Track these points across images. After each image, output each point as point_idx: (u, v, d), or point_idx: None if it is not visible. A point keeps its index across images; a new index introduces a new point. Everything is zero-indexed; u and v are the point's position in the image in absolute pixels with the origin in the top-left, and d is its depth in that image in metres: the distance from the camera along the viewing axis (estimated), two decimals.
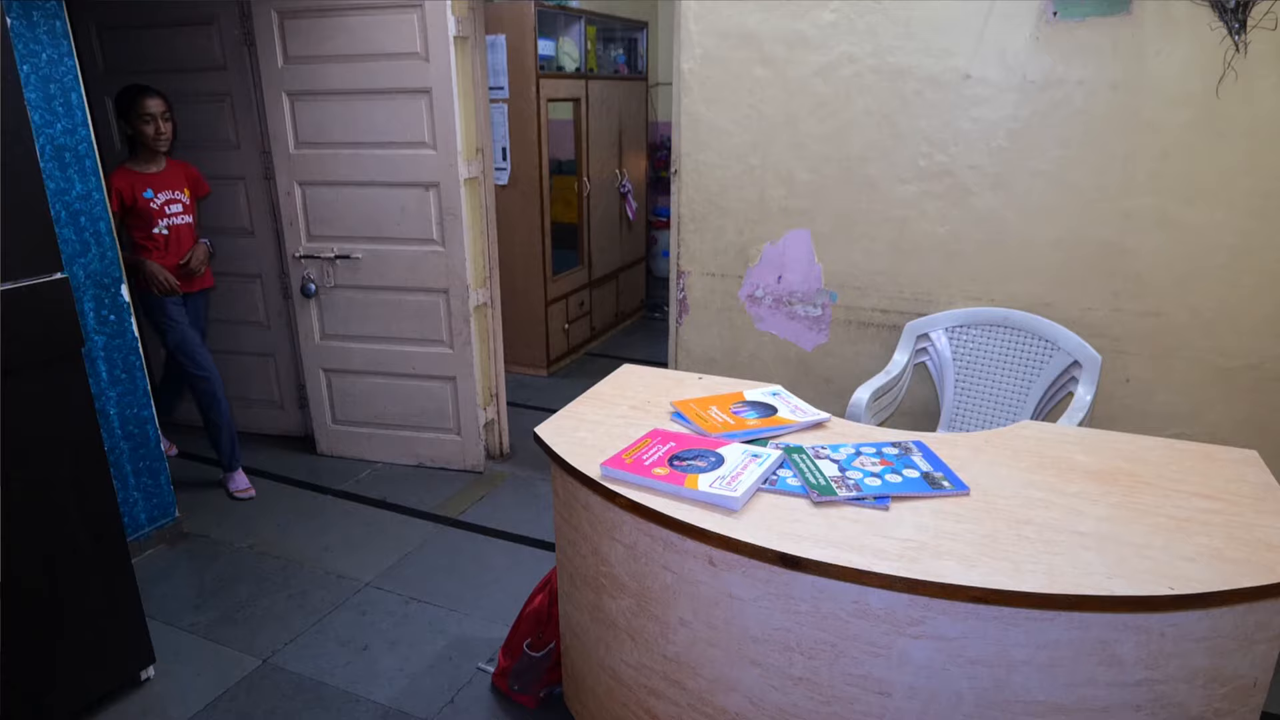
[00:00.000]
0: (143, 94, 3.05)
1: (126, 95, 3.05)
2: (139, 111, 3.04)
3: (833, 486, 1.62)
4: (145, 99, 3.05)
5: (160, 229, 3.17)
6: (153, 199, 3.14)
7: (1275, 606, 1.39)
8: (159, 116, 3.08)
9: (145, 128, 3.06)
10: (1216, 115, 2.27)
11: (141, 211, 3.12)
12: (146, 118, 3.05)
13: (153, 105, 3.06)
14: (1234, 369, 2.43)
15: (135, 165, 3.15)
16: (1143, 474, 1.69)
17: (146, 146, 3.11)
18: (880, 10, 2.55)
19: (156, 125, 3.07)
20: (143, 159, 3.16)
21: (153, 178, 3.16)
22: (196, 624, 2.66)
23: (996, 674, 1.42)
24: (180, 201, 3.22)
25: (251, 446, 3.96)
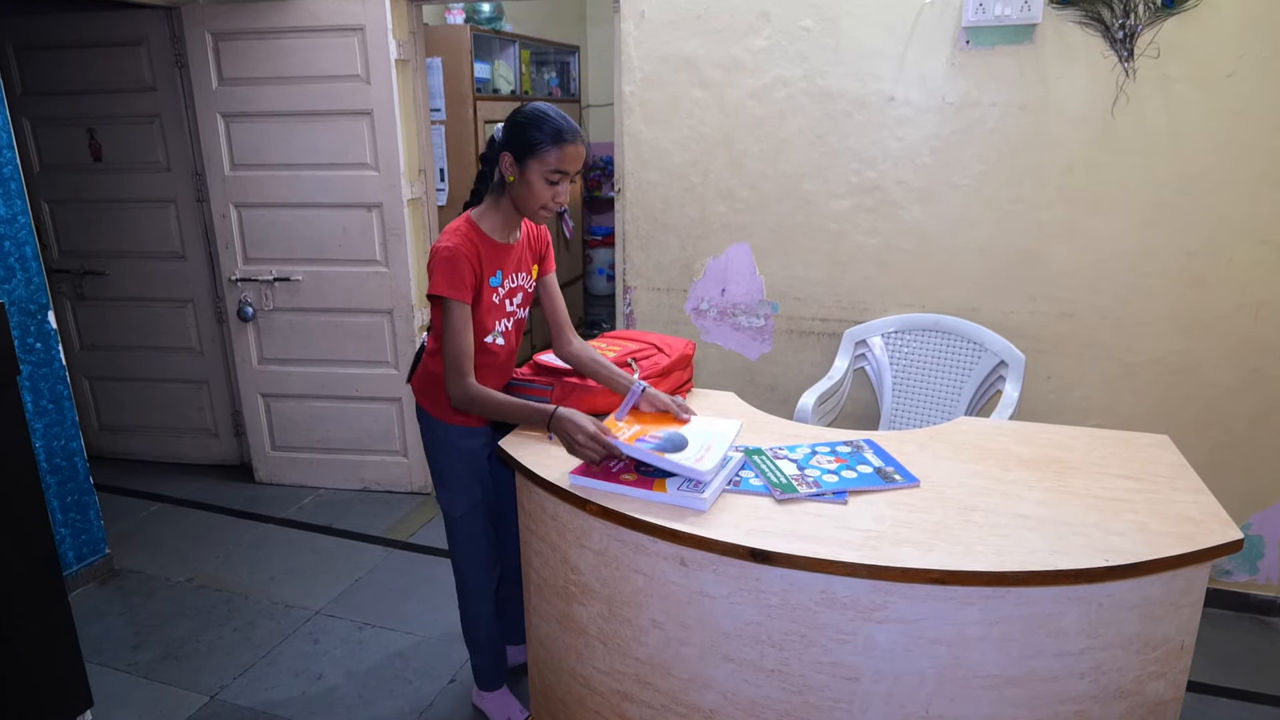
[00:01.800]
0: (572, 138, 1.80)
1: (535, 123, 1.79)
2: (554, 158, 1.79)
3: (794, 484, 1.70)
4: (573, 146, 1.80)
5: (495, 336, 1.97)
6: (498, 287, 1.94)
7: (1196, 573, 1.53)
8: (573, 177, 1.87)
9: (548, 187, 1.83)
10: (1112, 133, 2.50)
11: (478, 308, 1.90)
12: (558, 175, 1.82)
13: (578, 157, 1.83)
14: (1141, 364, 2.64)
15: (484, 225, 1.91)
16: (1071, 460, 1.84)
17: (518, 210, 1.90)
18: (810, 37, 2.70)
19: (563, 191, 1.85)
20: (493, 219, 1.92)
21: (505, 252, 1.95)
22: (135, 664, 2.56)
23: (955, 652, 1.52)
24: (524, 290, 2.05)
25: (184, 477, 3.83)
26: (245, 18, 3.12)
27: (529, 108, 1.83)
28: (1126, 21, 2.40)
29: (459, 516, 2.12)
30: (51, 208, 3.67)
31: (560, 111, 1.84)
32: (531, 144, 1.79)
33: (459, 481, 2.08)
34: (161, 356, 3.78)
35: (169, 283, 3.66)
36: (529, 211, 1.88)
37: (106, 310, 3.75)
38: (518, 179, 1.84)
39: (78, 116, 3.51)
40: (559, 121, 1.81)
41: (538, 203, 1.85)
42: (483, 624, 2.25)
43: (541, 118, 1.80)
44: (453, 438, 2.04)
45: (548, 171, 1.81)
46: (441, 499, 2.14)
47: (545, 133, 1.79)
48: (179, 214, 3.56)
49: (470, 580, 2.20)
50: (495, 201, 1.92)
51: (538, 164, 1.80)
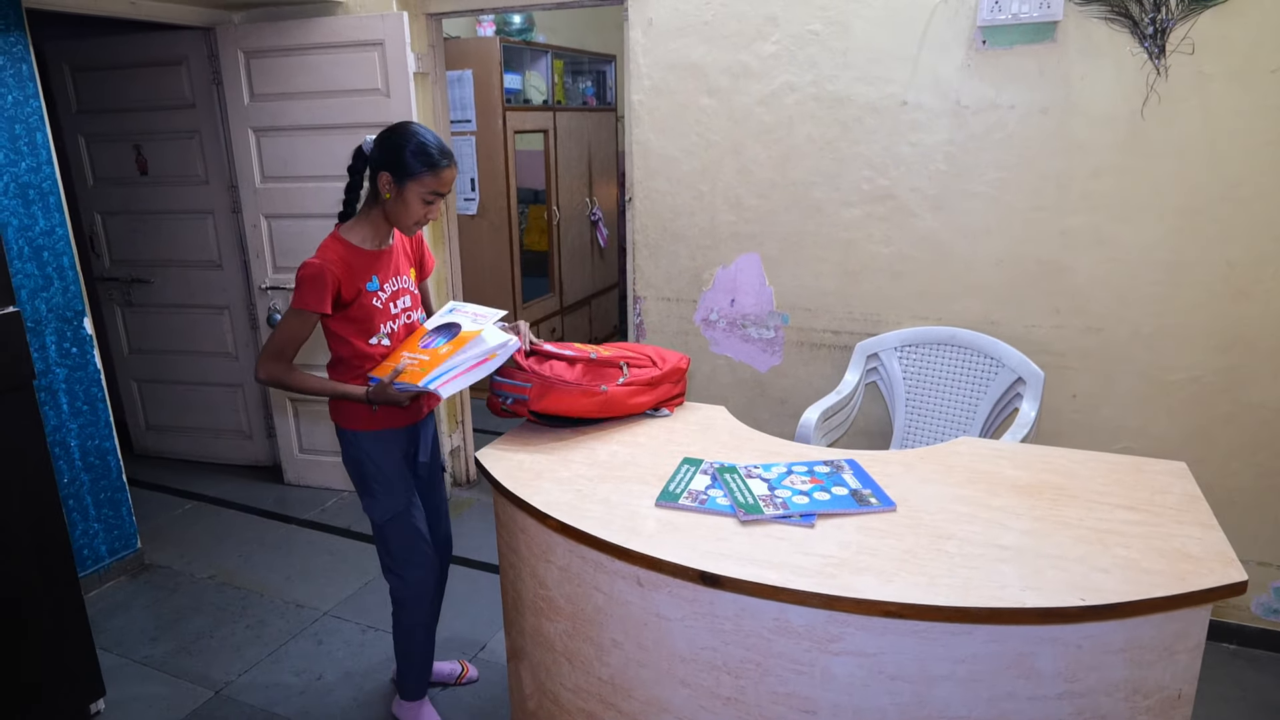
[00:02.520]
0: (446, 162, 1.90)
1: (414, 149, 1.86)
2: (431, 182, 1.88)
3: (760, 505, 1.64)
4: (448, 170, 1.90)
5: (379, 338, 2.03)
6: (377, 291, 2.00)
7: (1193, 616, 1.40)
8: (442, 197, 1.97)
9: (424, 206, 1.91)
10: (1143, 136, 2.33)
11: (357, 312, 1.97)
12: (433, 196, 1.91)
13: (450, 179, 1.93)
14: (1176, 382, 2.46)
15: (353, 237, 1.98)
16: (1070, 487, 1.72)
17: (391, 222, 1.97)
18: (819, 41, 2.62)
19: (436, 209, 1.96)
20: (364, 230, 1.98)
21: (378, 257, 2.01)
22: (151, 656, 2.65)
23: (918, 689, 1.43)
24: (409, 292, 2.11)
25: (219, 476, 3.97)
26: (274, 36, 3.22)
27: (405, 129, 1.90)
28: (1157, 16, 2.25)
29: (386, 521, 2.11)
30: (104, 219, 3.86)
31: (434, 134, 1.93)
32: (410, 168, 1.87)
33: (381, 486, 2.08)
34: (200, 361, 3.92)
35: (207, 290, 3.80)
36: (403, 226, 1.98)
37: (151, 316, 3.93)
38: (395, 197, 1.91)
39: (125, 132, 3.69)
40: (435, 146, 1.89)
41: (412, 219, 1.94)
42: (419, 632, 2.24)
43: (420, 142, 1.88)
44: (365, 443, 2.06)
45: (425, 193, 1.90)
46: (367, 507, 2.13)
47: (423, 159, 1.87)
48: (216, 225, 3.70)
49: (408, 587, 2.16)
50: (366, 212, 1.99)
51: (416, 185, 1.88)
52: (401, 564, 2.15)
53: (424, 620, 2.23)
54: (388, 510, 2.10)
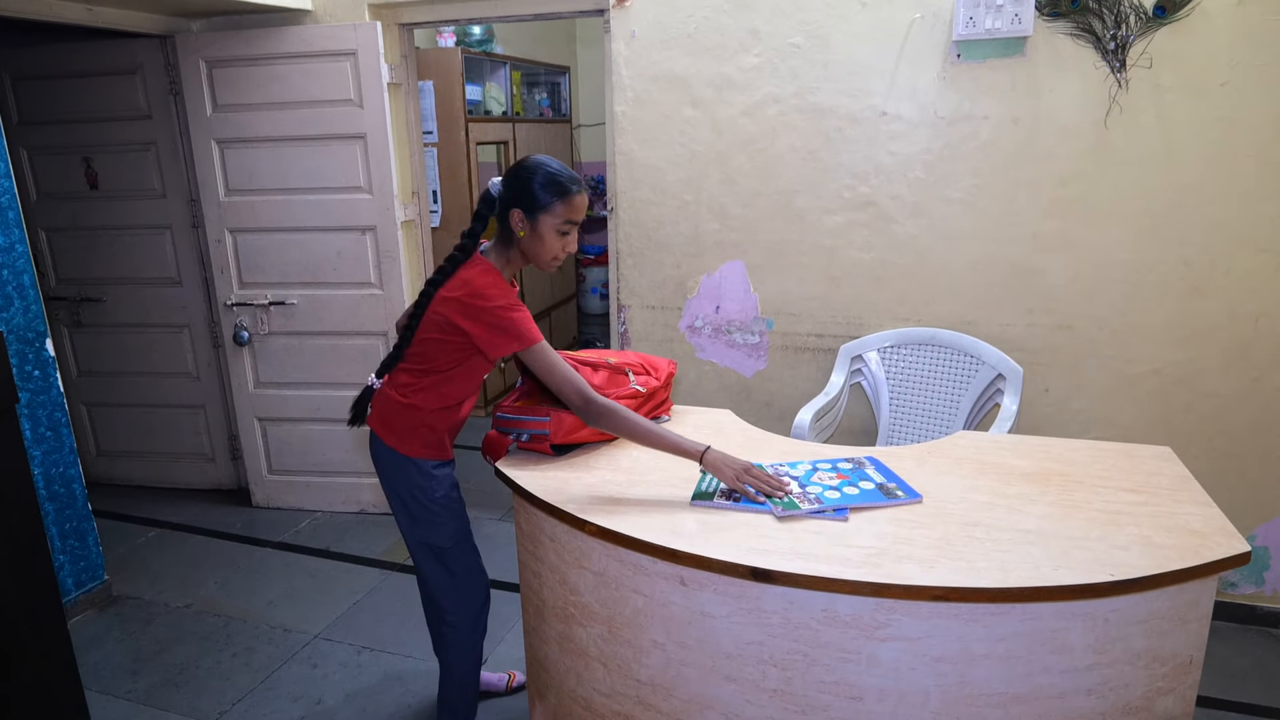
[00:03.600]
0: (577, 189, 1.84)
1: (542, 180, 1.81)
2: (563, 210, 1.82)
3: (795, 501, 1.69)
4: (579, 196, 1.84)
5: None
6: None
7: (1203, 586, 1.51)
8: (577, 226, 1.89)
9: (559, 238, 1.85)
10: (1106, 145, 2.50)
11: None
12: (568, 225, 1.85)
13: (583, 206, 1.86)
14: (1140, 374, 2.63)
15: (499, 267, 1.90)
16: (1072, 473, 1.83)
17: (527, 260, 1.90)
18: (800, 54, 2.71)
19: (573, 240, 1.90)
20: (503, 268, 1.90)
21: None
22: (134, 690, 2.53)
23: (959, 670, 1.50)
24: None
25: (182, 502, 3.81)
26: (239, 45, 3.14)
27: (532, 162, 1.84)
28: (1118, 32, 2.42)
29: (453, 545, 2.06)
30: (49, 235, 3.67)
31: (560, 163, 1.87)
32: (540, 201, 1.81)
33: (447, 510, 2.03)
34: (158, 382, 3.76)
35: (165, 308, 3.65)
36: (542, 263, 1.90)
37: (104, 337, 3.75)
38: (529, 233, 1.84)
39: (74, 145, 3.52)
40: (563, 174, 1.83)
41: (550, 254, 1.87)
42: (477, 667, 2.18)
43: (547, 173, 1.82)
44: (431, 470, 1.99)
45: (559, 224, 1.83)
46: (427, 535, 2.03)
47: (553, 189, 1.81)
48: (174, 240, 3.56)
49: (467, 611, 2.11)
50: (504, 252, 1.91)
51: (549, 218, 1.82)
52: (467, 585, 2.11)
53: (478, 659, 2.18)
54: (455, 533, 2.05)
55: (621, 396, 2.04)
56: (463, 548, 2.09)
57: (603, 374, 2.05)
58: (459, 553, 2.09)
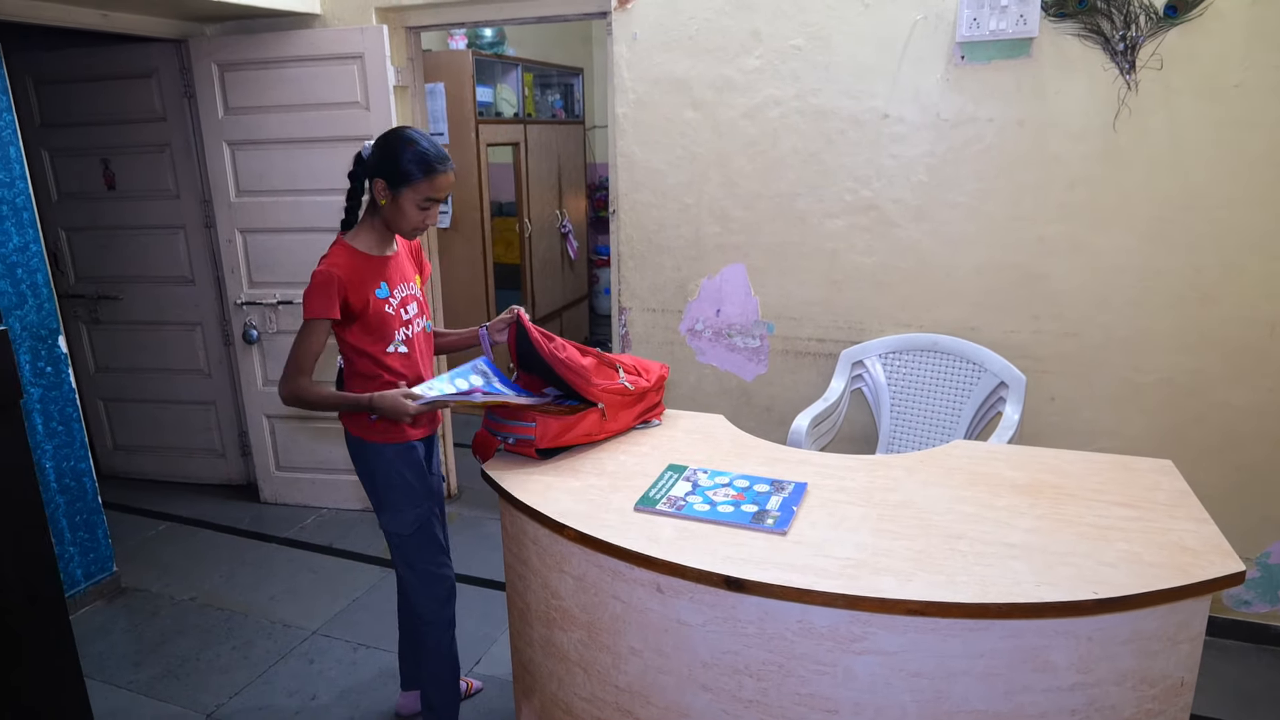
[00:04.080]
0: (442, 168, 1.88)
1: (409, 155, 1.85)
2: (426, 188, 1.87)
3: (655, 499, 1.74)
4: (444, 176, 1.89)
5: (395, 345, 2.00)
6: (388, 298, 1.98)
7: (1195, 606, 1.47)
8: (440, 203, 1.97)
9: (419, 212, 1.91)
10: (1115, 148, 2.44)
11: (372, 320, 1.94)
12: (428, 202, 1.90)
13: (447, 185, 1.92)
14: (1149, 384, 2.57)
15: (358, 244, 1.96)
16: (1066, 486, 1.78)
17: (390, 228, 1.97)
18: (801, 56, 2.68)
19: (433, 214, 1.97)
20: (368, 236, 1.97)
21: (386, 263, 2.00)
22: (136, 681, 2.57)
23: (937, 686, 1.47)
24: (416, 299, 2.08)
25: (192, 496, 3.87)
26: (250, 48, 3.18)
27: (401, 135, 1.88)
28: (1127, 33, 2.36)
29: (411, 534, 2.07)
30: (68, 235, 3.75)
31: (430, 139, 1.90)
32: (404, 174, 1.85)
33: (406, 497, 2.05)
34: (171, 378, 3.83)
35: (178, 307, 3.71)
36: (402, 232, 1.97)
37: (119, 334, 3.82)
38: (390, 203, 1.90)
39: (92, 146, 3.60)
40: (430, 151, 1.86)
41: (409, 225, 1.93)
42: (451, 654, 2.18)
43: (414, 148, 1.86)
44: (389, 455, 2.03)
45: (419, 199, 1.89)
46: (387, 522, 2.07)
47: (417, 164, 1.85)
48: (188, 240, 3.62)
49: (435, 601, 2.13)
50: (370, 220, 1.97)
51: (410, 192, 1.87)
52: (426, 578, 2.11)
53: (452, 638, 2.19)
54: (412, 521, 2.06)
55: (609, 390, 2.04)
56: (421, 538, 2.09)
57: (591, 359, 2.07)
58: (419, 543, 2.09)
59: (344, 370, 2.04)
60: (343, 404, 1.95)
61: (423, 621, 2.14)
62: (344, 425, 2.08)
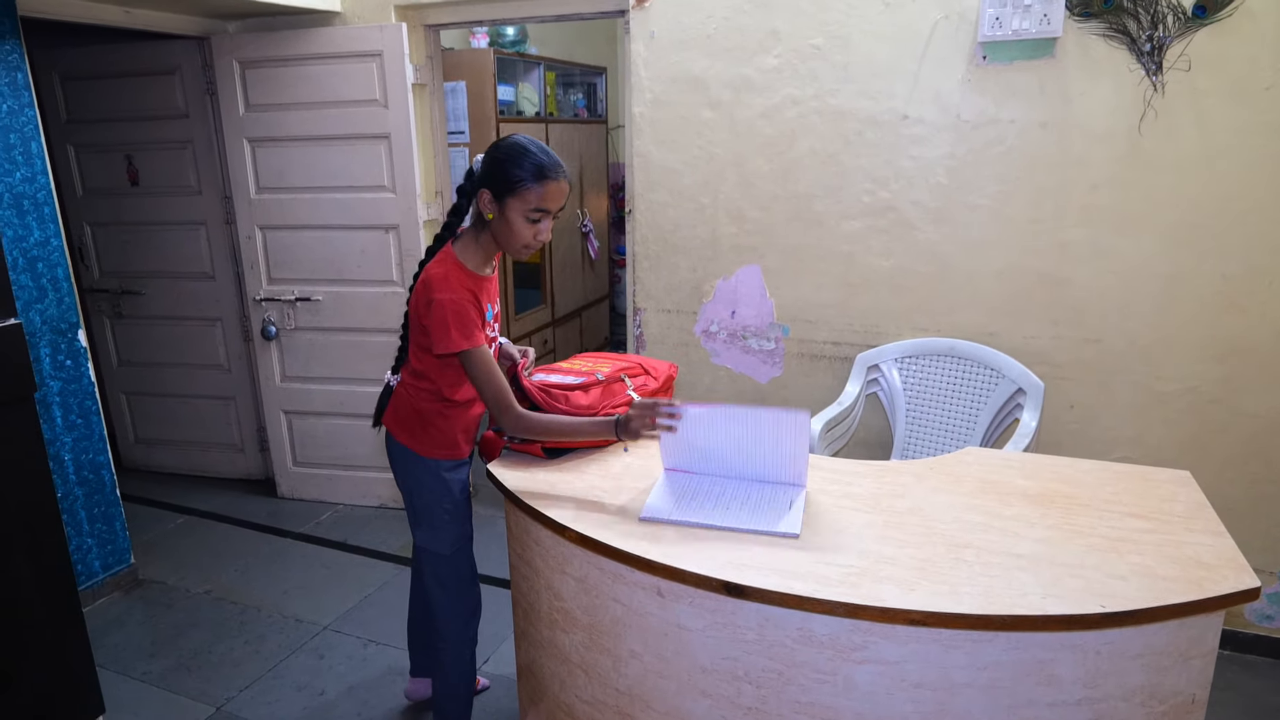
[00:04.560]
0: (554, 175, 1.75)
1: (517, 162, 1.73)
2: (535, 197, 1.74)
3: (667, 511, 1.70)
4: (556, 184, 1.75)
5: None
6: (491, 321, 1.90)
7: (1208, 622, 1.43)
8: (555, 214, 1.82)
9: (530, 225, 1.78)
10: (1140, 151, 2.38)
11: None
12: (538, 213, 1.77)
13: (560, 195, 1.79)
14: (1172, 393, 2.51)
15: (466, 260, 1.84)
16: (1079, 496, 1.74)
17: (499, 245, 1.84)
18: (820, 56, 2.65)
19: (546, 229, 1.81)
20: (475, 254, 1.85)
21: (487, 284, 1.89)
22: (149, 672, 2.61)
23: (939, 697, 1.44)
24: (498, 317, 1.99)
25: (211, 490, 3.91)
26: (270, 46, 3.21)
27: (510, 141, 1.76)
28: (1154, 33, 2.30)
29: (451, 554, 2.02)
30: (93, 230, 3.81)
31: (543, 146, 1.78)
32: (511, 181, 1.73)
33: (450, 515, 2.00)
34: (192, 373, 3.88)
35: (199, 302, 3.76)
36: (512, 250, 1.82)
37: (142, 328, 3.88)
38: (497, 216, 1.77)
39: (116, 142, 3.65)
40: (540, 157, 1.73)
41: (519, 241, 1.79)
42: (469, 671, 2.14)
43: (522, 153, 1.73)
44: (442, 472, 1.97)
45: (528, 210, 1.75)
46: (426, 540, 2.01)
47: (526, 170, 1.72)
48: (209, 236, 3.66)
49: (456, 623, 2.08)
50: (475, 236, 1.85)
51: (518, 202, 1.74)
52: (456, 598, 2.07)
53: (472, 660, 2.14)
54: (456, 539, 2.01)
55: (618, 405, 2.02)
56: (460, 557, 2.06)
57: (594, 393, 2.01)
58: (459, 562, 2.06)
59: (406, 389, 1.96)
60: (593, 430, 1.82)
61: (445, 641, 2.08)
62: (392, 432, 1.99)
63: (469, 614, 2.12)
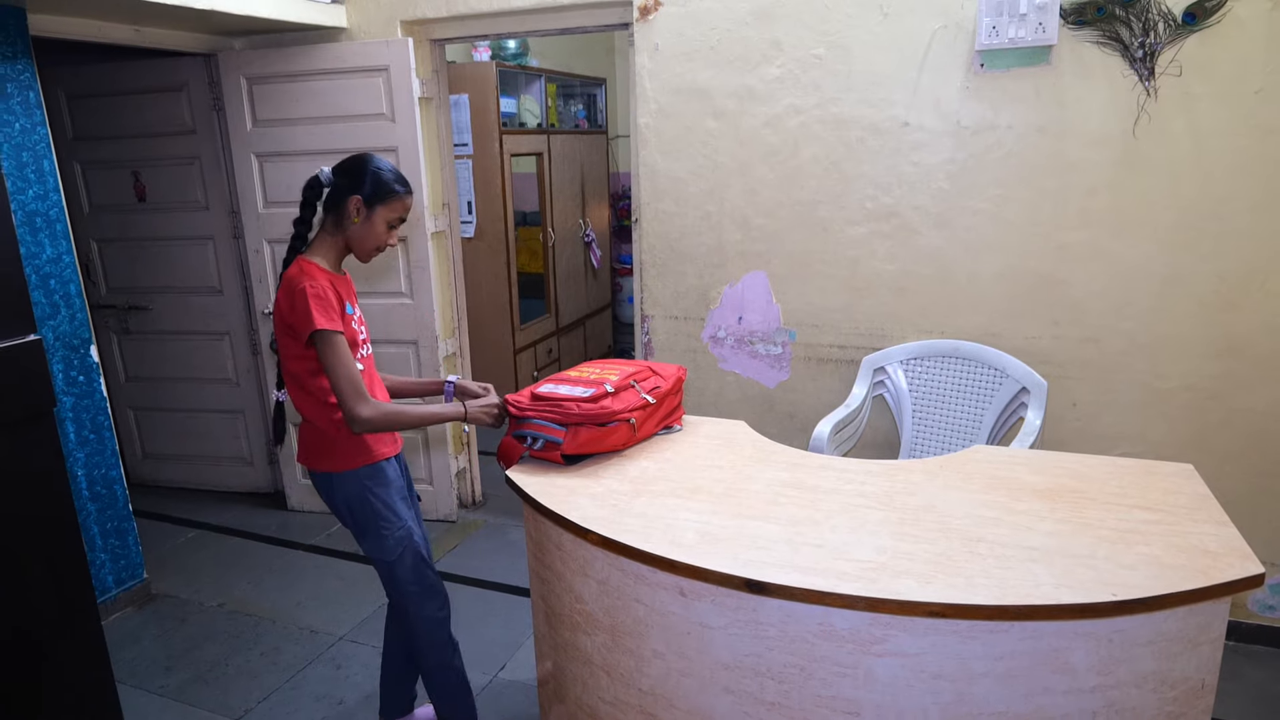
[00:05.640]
0: (408, 190, 1.96)
1: (385, 175, 1.92)
2: (399, 206, 1.95)
3: None
4: (410, 197, 1.97)
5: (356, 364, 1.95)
6: (353, 315, 1.98)
7: (1215, 609, 1.47)
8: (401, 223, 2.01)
9: (388, 231, 1.96)
10: (1135, 154, 2.44)
11: (348, 336, 1.92)
12: (399, 220, 1.97)
13: (409, 207, 1.99)
14: (1171, 390, 2.56)
15: (321, 260, 1.95)
16: (1087, 490, 1.79)
17: (351, 249, 1.97)
18: (822, 65, 2.71)
19: (394, 236, 2.01)
20: (328, 256, 1.96)
21: (345, 283, 2.01)
22: (167, 686, 2.62)
23: (958, 687, 1.48)
24: (363, 320, 2.08)
25: (221, 504, 3.94)
26: (277, 62, 3.25)
27: (372, 158, 1.94)
28: (1146, 40, 2.36)
29: (396, 558, 2.04)
30: (100, 246, 3.84)
31: (391, 163, 1.99)
32: (384, 192, 1.91)
33: (385, 521, 2.02)
34: (200, 387, 3.90)
35: (207, 316, 3.79)
36: (365, 251, 1.97)
37: (149, 343, 3.90)
38: (363, 221, 1.92)
39: (123, 159, 3.69)
40: (399, 173, 1.96)
41: (375, 244, 1.96)
42: (454, 667, 2.16)
43: (390, 169, 1.94)
44: (365, 478, 2.00)
45: (392, 218, 1.95)
46: (373, 550, 2.04)
47: (396, 183, 1.93)
48: (217, 250, 3.70)
49: (427, 624, 2.10)
50: (329, 239, 1.96)
51: (385, 210, 1.93)
52: (420, 599, 2.09)
53: (452, 651, 2.17)
54: (397, 544, 2.03)
55: (633, 409, 2.05)
56: (411, 559, 2.06)
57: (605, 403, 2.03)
58: (407, 564, 2.05)
59: (290, 396, 2.01)
60: (439, 418, 2.00)
61: (425, 653, 2.13)
62: (307, 466, 2.04)
63: (440, 610, 2.12)
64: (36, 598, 2.12)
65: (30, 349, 2.08)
